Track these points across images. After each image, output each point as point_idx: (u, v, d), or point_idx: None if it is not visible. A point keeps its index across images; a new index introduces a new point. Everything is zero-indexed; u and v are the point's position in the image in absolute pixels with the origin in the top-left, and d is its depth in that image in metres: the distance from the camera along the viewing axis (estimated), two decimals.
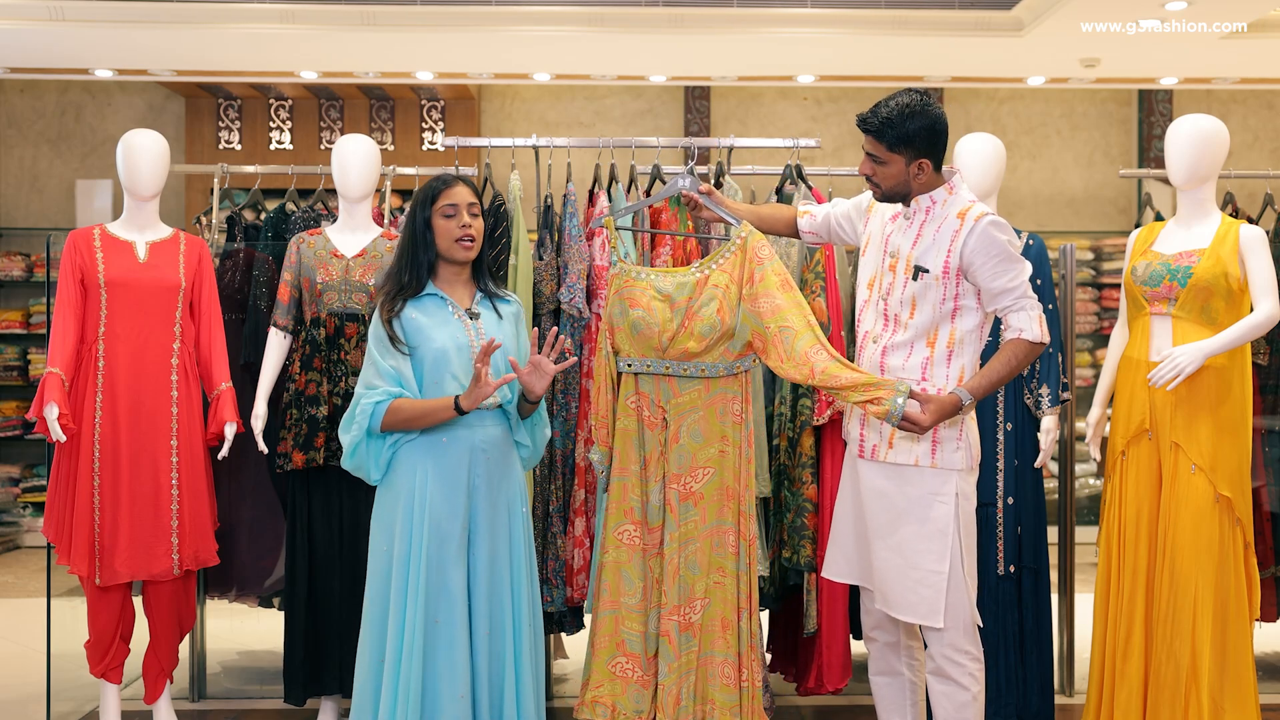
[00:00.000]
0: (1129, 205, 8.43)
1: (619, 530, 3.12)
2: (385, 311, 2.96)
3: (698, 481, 3.10)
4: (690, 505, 3.09)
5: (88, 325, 3.70)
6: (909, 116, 2.92)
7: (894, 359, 3.03)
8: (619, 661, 3.10)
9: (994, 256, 2.92)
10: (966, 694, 3.01)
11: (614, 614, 3.12)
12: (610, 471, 3.17)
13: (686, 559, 3.09)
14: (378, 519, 3.00)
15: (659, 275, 3.14)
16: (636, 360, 3.11)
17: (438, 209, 3.00)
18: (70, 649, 4.07)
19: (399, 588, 2.91)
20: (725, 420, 3.11)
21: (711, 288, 3.08)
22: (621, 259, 3.20)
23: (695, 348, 3.06)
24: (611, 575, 3.12)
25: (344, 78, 7.25)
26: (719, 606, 3.09)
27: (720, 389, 3.10)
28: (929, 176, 2.99)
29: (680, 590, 3.08)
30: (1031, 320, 2.94)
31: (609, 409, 3.17)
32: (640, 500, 3.12)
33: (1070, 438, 4.38)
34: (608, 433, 3.18)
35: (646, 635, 3.11)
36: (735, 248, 3.13)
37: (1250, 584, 3.45)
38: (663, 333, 3.07)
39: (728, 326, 3.06)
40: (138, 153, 3.78)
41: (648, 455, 3.12)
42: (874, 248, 3.13)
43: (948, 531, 2.96)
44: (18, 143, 8.38)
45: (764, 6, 6.18)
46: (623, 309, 3.11)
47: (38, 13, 6.12)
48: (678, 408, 3.10)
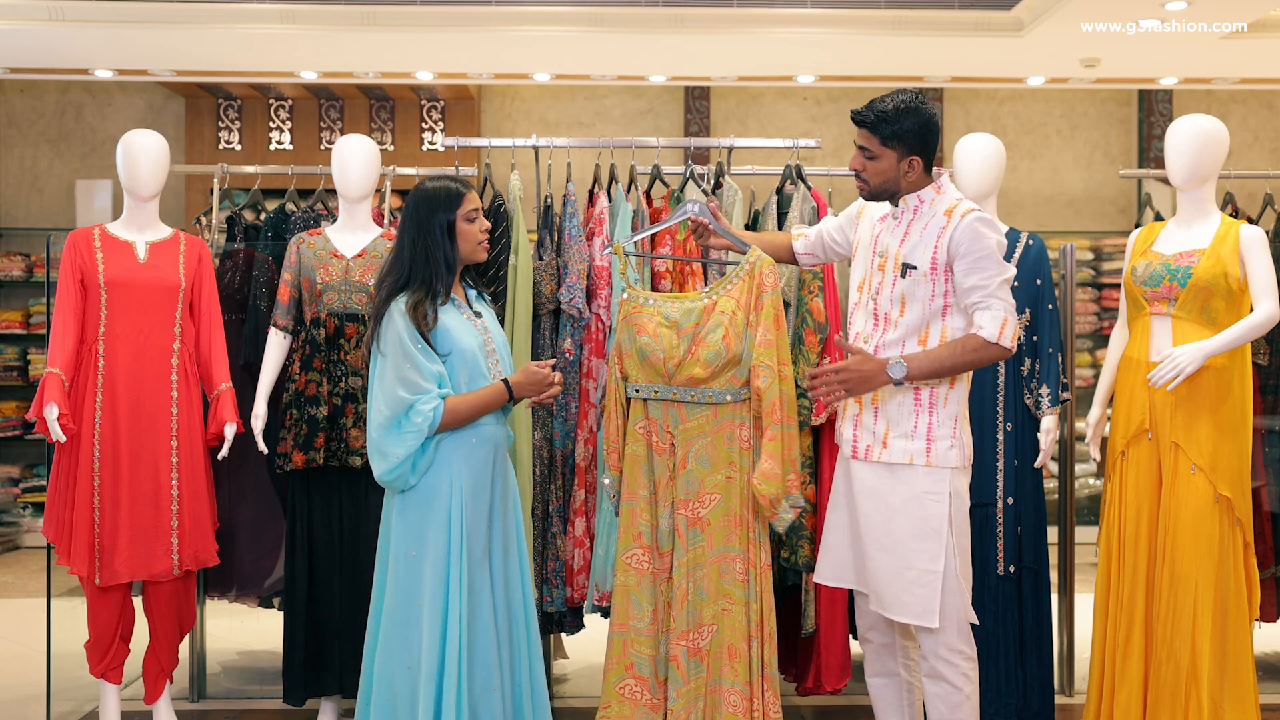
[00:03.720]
0: (1129, 205, 8.43)
1: (628, 555, 3.14)
2: (418, 320, 2.92)
3: (705, 507, 3.11)
4: (698, 531, 3.11)
5: (88, 325, 3.70)
6: (904, 113, 2.94)
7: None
8: (627, 684, 3.11)
9: (973, 251, 2.92)
10: (960, 694, 3.01)
11: (623, 636, 3.13)
12: (620, 496, 3.18)
13: (694, 584, 3.10)
14: (403, 524, 2.96)
15: (667, 301, 3.15)
16: (645, 386, 3.13)
17: (462, 214, 3.02)
18: (70, 649, 4.07)
19: (438, 591, 2.91)
20: (733, 446, 3.12)
21: (718, 314, 3.10)
22: (631, 285, 3.21)
23: (701, 374, 3.07)
24: (621, 599, 3.14)
25: (344, 78, 7.25)
26: (727, 634, 3.09)
27: (728, 415, 3.11)
28: (918, 175, 3.00)
29: (689, 616, 3.09)
30: (994, 320, 2.89)
31: (620, 434, 3.19)
32: (650, 525, 3.13)
33: (1070, 438, 4.38)
34: (619, 457, 3.19)
35: (656, 659, 3.11)
36: (743, 273, 3.14)
37: (1250, 584, 3.45)
38: (669, 359, 3.09)
39: (734, 353, 3.07)
40: (138, 153, 3.78)
41: (656, 480, 3.13)
42: (864, 250, 3.14)
43: (941, 531, 2.96)
44: (18, 143, 8.38)
45: (764, 6, 6.18)
46: (630, 335, 3.13)
47: (38, 13, 6.12)
48: (685, 433, 3.11)
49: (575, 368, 3.83)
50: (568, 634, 4.00)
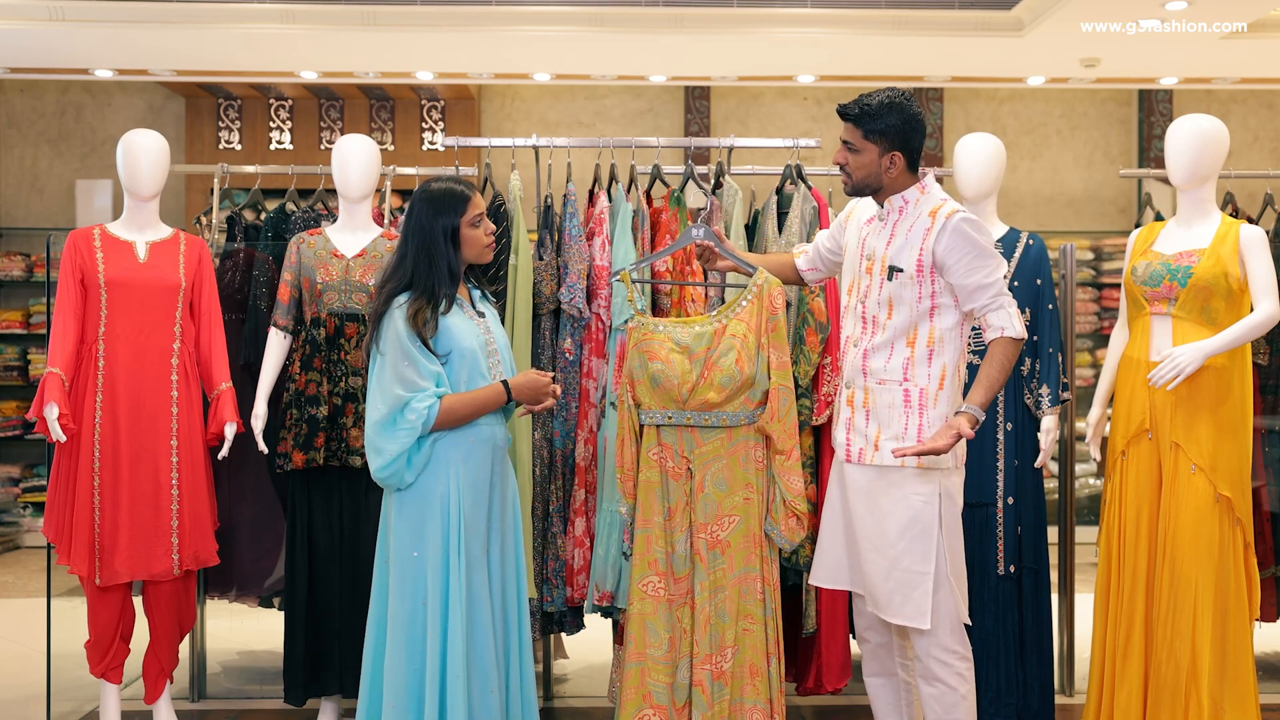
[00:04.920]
0: (1129, 205, 8.43)
1: (644, 582, 3.13)
2: (417, 327, 2.91)
3: (724, 530, 3.11)
4: (719, 554, 3.11)
5: (88, 325, 3.70)
6: (888, 110, 2.98)
7: (875, 361, 3.03)
8: (646, 714, 3.09)
9: (967, 253, 2.93)
10: (955, 694, 3.01)
11: (640, 666, 3.11)
12: (635, 524, 3.17)
13: (717, 607, 3.10)
14: (402, 524, 2.96)
15: (676, 327, 3.15)
16: (658, 412, 3.13)
17: (467, 220, 3.01)
18: (70, 649, 4.07)
19: (439, 592, 2.91)
20: (749, 468, 3.12)
21: (729, 338, 3.10)
22: (639, 312, 3.20)
23: (715, 398, 3.08)
24: (637, 628, 3.12)
25: (344, 78, 7.25)
26: (748, 653, 3.10)
27: (743, 437, 3.12)
28: (900, 172, 3.02)
29: (712, 639, 3.09)
30: (1012, 317, 2.96)
31: (634, 462, 3.18)
32: (665, 551, 3.13)
33: (1070, 438, 4.37)
34: (634, 485, 3.18)
35: (674, 686, 3.11)
36: (751, 295, 3.15)
37: (1250, 584, 3.45)
38: (682, 384, 3.08)
39: (747, 376, 3.07)
40: (138, 153, 3.78)
41: (672, 505, 3.13)
42: (852, 253, 3.15)
43: (931, 532, 2.96)
44: (18, 143, 8.38)
45: (764, 6, 6.18)
46: (642, 362, 3.12)
47: (38, 13, 6.12)
48: (702, 457, 3.12)
49: (575, 367, 3.83)
50: (568, 634, 4.00)
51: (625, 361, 3.20)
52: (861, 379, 3.06)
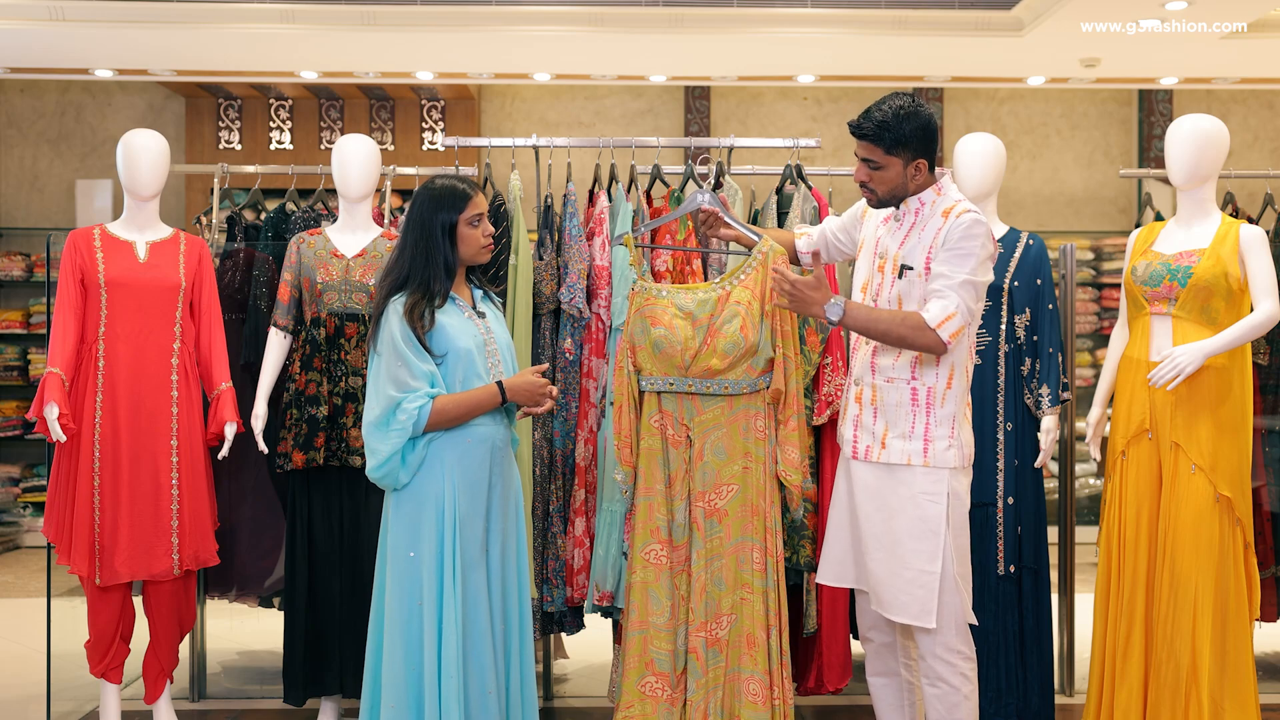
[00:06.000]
0: (1129, 205, 8.43)
1: (646, 550, 3.13)
2: (413, 322, 2.91)
3: (722, 498, 3.11)
4: (715, 522, 3.11)
5: (88, 325, 3.70)
6: (904, 118, 2.95)
7: (884, 359, 3.04)
8: (648, 681, 3.10)
9: (955, 247, 2.93)
10: (958, 694, 3.01)
11: (642, 634, 3.12)
12: (635, 491, 3.17)
13: (713, 575, 3.10)
14: (399, 524, 2.96)
15: (680, 293, 3.14)
16: (659, 379, 3.12)
17: (465, 218, 3.00)
18: (70, 649, 4.07)
19: (434, 592, 2.91)
20: (749, 437, 3.12)
21: (734, 304, 3.09)
22: (642, 276, 3.20)
23: (718, 365, 3.07)
24: (639, 595, 3.12)
25: (344, 78, 7.25)
26: (746, 623, 3.10)
27: (743, 405, 3.12)
28: (925, 177, 3.01)
29: (707, 606, 3.09)
30: (942, 310, 2.89)
31: (632, 429, 3.17)
32: (666, 519, 3.13)
33: (1070, 438, 4.37)
34: (631, 452, 3.18)
35: (675, 653, 3.11)
36: (756, 263, 3.14)
37: (1250, 584, 3.45)
38: (685, 351, 3.08)
39: (751, 343, 3.07)
40: (138, 153, 3.78)
41: (672, 474, 3.13)
42: (866, 251, 3.15)
43: (939, 531, 2.96)
44: (18, 143, 8.38)
45: (764, 6, 6.18)
46: (644, 327, 3.12)
47: (38, 13, 6.11)
48: (701, 425, 3.11)
49: (575, 367, 3.83)
50: (568, 634, 4.00)
51: (627, 326, 3.19)
52: (870, 376, 3.06)
